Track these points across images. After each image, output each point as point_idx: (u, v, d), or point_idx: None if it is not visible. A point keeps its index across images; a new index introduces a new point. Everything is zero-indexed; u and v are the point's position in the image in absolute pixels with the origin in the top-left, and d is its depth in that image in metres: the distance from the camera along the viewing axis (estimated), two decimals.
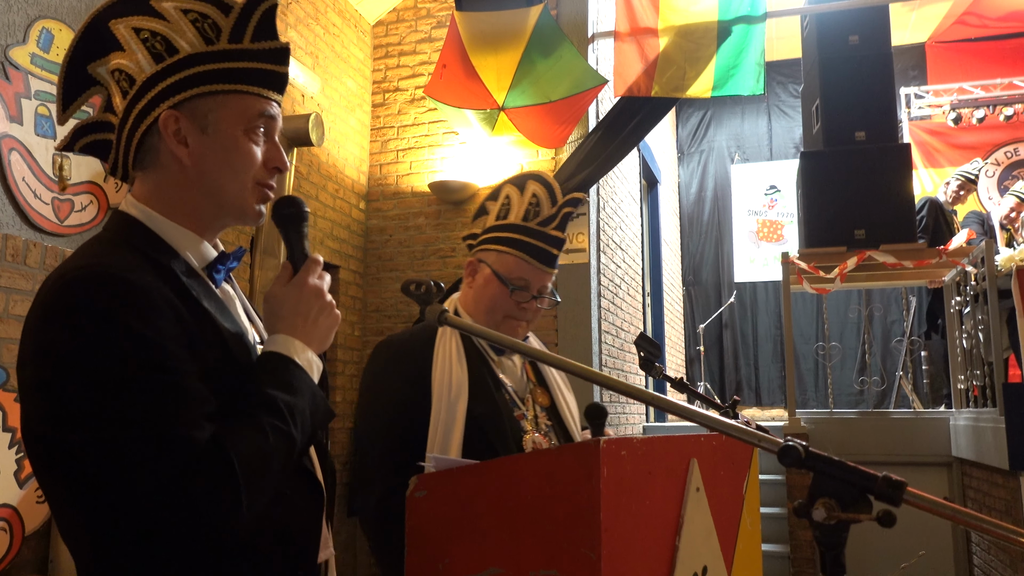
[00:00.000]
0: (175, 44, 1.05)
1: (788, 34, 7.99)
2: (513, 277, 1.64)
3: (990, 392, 4.41)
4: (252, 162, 1.08)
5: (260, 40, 1.08)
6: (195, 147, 1.06)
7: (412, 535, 1.15)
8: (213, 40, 1.06)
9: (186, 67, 1.05)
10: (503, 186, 1.73)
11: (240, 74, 1.07)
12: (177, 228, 1.07)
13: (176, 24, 1.06)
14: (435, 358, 1.54)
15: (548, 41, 4.74)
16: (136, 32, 1.06)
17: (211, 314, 1.03)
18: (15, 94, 3.14)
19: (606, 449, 0.98)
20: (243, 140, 1.07)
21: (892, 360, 8.31)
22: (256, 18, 1.08)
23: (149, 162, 1.07)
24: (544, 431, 1.62)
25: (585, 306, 5.00)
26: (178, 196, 1.07)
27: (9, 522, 2.86)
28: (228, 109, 1.06)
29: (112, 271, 0.94)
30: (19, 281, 2.96)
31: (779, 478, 5.41)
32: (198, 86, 1.05)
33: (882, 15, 5.28)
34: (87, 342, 0.90)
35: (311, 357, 1.07)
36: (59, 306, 0.93)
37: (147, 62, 1.05)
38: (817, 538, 0.81)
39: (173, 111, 1.05)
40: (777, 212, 9.48)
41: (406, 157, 5.57)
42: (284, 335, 1.06)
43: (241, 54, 1.07)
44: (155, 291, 0.95)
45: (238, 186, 1.08)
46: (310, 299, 1.08)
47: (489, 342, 1.61)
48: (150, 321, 0.92)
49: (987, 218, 6.24)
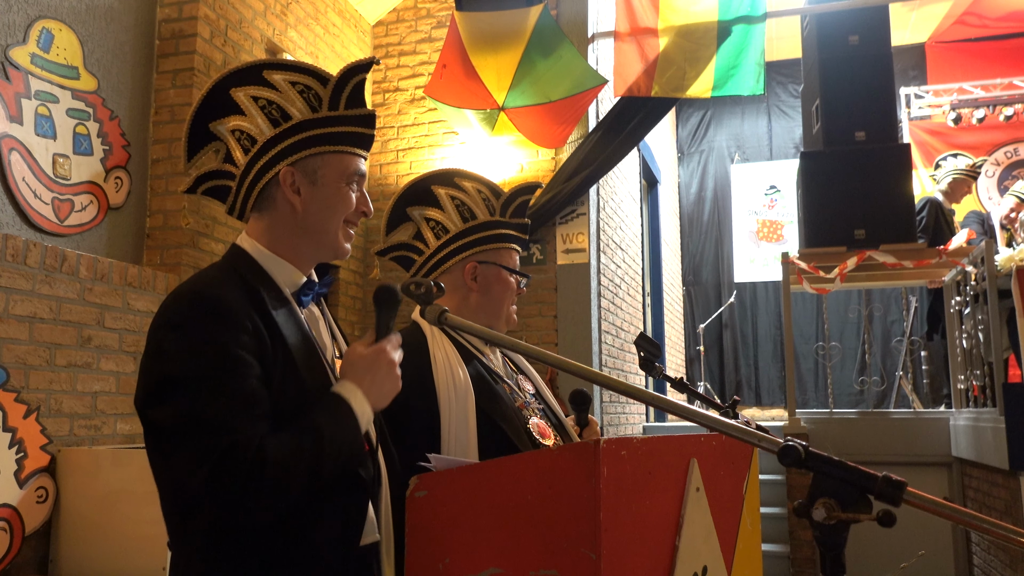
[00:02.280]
0: (288, 111, 1.32)
1: (788, 34, 7.99)
2: (515, 268, 1.73)
3: (990, 392, 4.41)
4: (349, 206, 1.34)
5: (352, 107, 1.35)
6: (306, 196, 1.31)
7: (412, 535, 1.15)
8: (317, 107, 1.33)
9: (298, 132, 1.31)
10: (429, 189, 1.72)
11: (340, 137, 1.33)
12: (279, 261, 1.31)
13: (286, 94, 1.32)
14: (434, 361, 1.54)
15: (548, 41, 4.74)
16: (255, 100, 1.32)
17: (283, 336, 1.23)
18: (15, 94, 3.14)
19: (606, 449, 0.98)
20: (344, 189, 1.33)
21: (892, 360, 8.31)
22: (349, 89, 1.34)
23: (266, 206, 1.32)
24: (540, 416, 1.65)
25: (585, 306, 5.00)
26: (286, 234, 1.32)
27: (9, 522, 2.86)
28: (331, 167, 1.32)
29: (210, 292, 1.19)
30: (19, 281, 2.96)
31: (779, 478, 5.41)
32: (310, 148, 1.31)
33: (882, 15, 5.28)
34: (182, 342, 1.14)
35: (366, 409, 1.24)
36: (167, 313, 1.19)
37: (266, 126, 1.32)
38: (817, 538, 0.81)
39: (290, 168, 1.30)
40: (777, 212, 9.48)
41: (406, 157, 5.57)
42: (352, 383, 1.24)
43: (339, 120, 1.33)
44: (240, 311, 1.18)
45: (335, 225, 1.34)
46: (384, 365, 1.27)
47: (482, 339, 1.61)
48: (229, 333, 1.15)
49: (987, 218, 6.24)
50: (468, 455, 1.46)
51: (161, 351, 1.16)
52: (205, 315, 1.16)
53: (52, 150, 3.29)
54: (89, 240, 3.47)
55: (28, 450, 2.95)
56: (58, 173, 3.31)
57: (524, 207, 1.76)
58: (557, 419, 1.71)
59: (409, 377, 1.52)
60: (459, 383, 1.52)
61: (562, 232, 5.11)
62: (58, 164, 3.31)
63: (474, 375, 1.55)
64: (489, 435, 1.50)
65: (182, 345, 1.14)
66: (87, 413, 3.23)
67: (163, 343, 1.16)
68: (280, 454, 1.09)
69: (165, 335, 1.17)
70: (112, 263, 3.39)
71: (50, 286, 3.08)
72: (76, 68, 3.45)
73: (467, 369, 1.55)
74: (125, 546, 2.86)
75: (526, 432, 1.56)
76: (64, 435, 3.11)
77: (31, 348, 3.00)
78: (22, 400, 2.94)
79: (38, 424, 3.00)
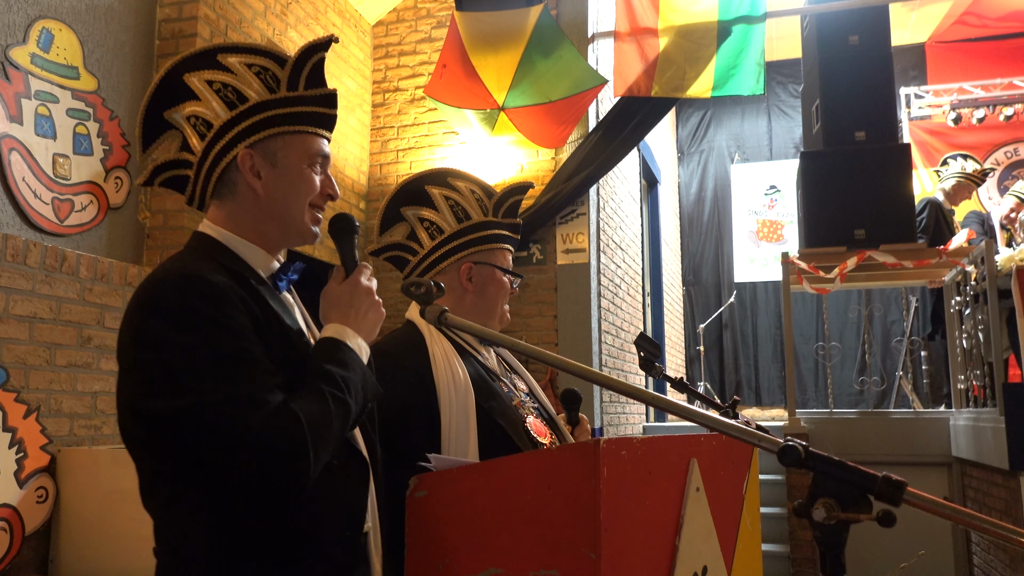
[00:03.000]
0: (244, 93, 1.26)
1: (788, 34, 7.99)
2: (509, 269, 1.73)
3: (990, 392, 4.41)
4: (313, 189, 1.29)
5: (312, 87, 1.29)
6: (267, 179, 1.26)
7: (412, 535, 1.15)
8: (275, 89, 1.27)
9: (256, 113, 1.25)
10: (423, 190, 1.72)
11: (301, 117, 1.28)
12: (248, 245, 1.26)
13: (242, 76, 1.26)
14: (433, 360, 1.53)
15: (548, 41, 4.74)
16: (209, 84, 1.26)
17: (277, 312, 1.20)
18: (15, 94, 3.14)
19: (606, 449, 0.98)
20: (307, 171, 1.28)
21: (892, 360, 8.31)
22: (308, 68, 1.28)
23: (226, 192, 1.27)
24: (535, 414, 1.65)
25: (585, 306, 4.99)
26: (250, 220, 1.27)
27: (9, 522, 2.86)
28: (292, 148, 1.27)
29: (195, 272, 1.13)
30: (19, 281, 2.96)
31: (779, 478, 5.41)
32: (268, 128, 1.25)
33: (882, 15, 5.28)
34: (175, 327, 1.09)
35: (361, 343, 1.23)
36: (151, 299, 1.12)
37: (222, 109, 1.25)
38: (817, 538, 0.81)
39: (249, 150, 1.25)
40: (777, 212, 9.48)
41: (406, 157, 5.57)
42: (338, 323, 1.23)
43: (299, 100, 1.28)
44: (230, 290, 1.13)
45: (299, 209, 1.28)
46: (362, 296, 1.26)
47: (479, 338, 1.62)
48: (226, 312, 1.10)
49: (987, 218, 6.24)
50: (468, 453, 1.46)
51: (156, 339, 1.09)
52: (197, 296, 1.10)
53: (52, 150, 3.29)
54: (89, 240, 3.47)
55: (28, 450, 2.95)
56: (58, 173, 3.31)
57: (516, 207, 1.77)
58: (550, 417, 1.72)
59: (409, 375, 1.52)
60: (459, 381, 1.51)
61: (562, 232, 5.11)
62: (58, 164, 3.31)
63: (473, 373, 1.55)
64: (489, 433, 1.50)
65: (181, 328, 1.08)
66: (87, 413, 3.23)
67: (155, 330, 1.09)
68: (311, 412, 1.08)
69: (155, 322, 1.10)
70: (112, 263, 3.39)
71: (50, 286, 3.08)
72: (76, 68, 3.45)
73: (466, 368, 1.55)
74: (125, 546, 2.86)
75: (524, 430, 1.57)
76: (64, 435, 3.11)
77: (31, 348, 3.00)
78: (22, 400, 2.94)
79: (38, 424, 3.00)
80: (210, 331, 1.09)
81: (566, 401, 1.77)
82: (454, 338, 1.62)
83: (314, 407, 1.09)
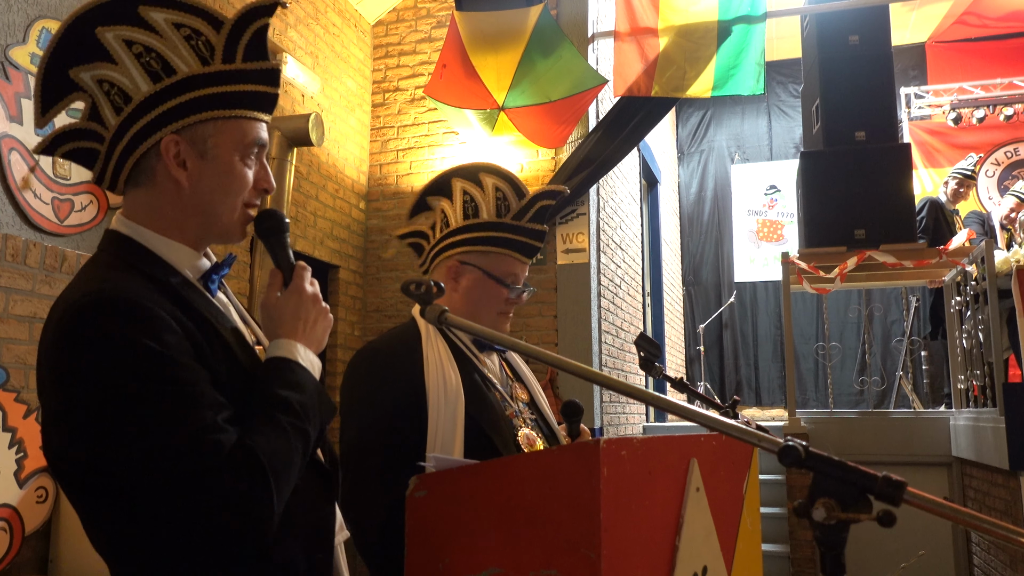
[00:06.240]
0: (172, 64, 1.06)
1: (788, 34, 7.99)
2: (505, 275, 1.64)
3: (990, 392, 4.41)
4: (245, 185, 1.13)
5: (252, 60, 1.10)
6: (193, 170, 1.09)
7: (412, 535, 1.15)
8: (208, 60, 1.08)
9: (185, 90, 1.07)
10: (449, 181, 1.69)
11: (237, 98, 1.09)
12: (170, 243, 1.10)
13: (169, 39, 1.06)
14: (426, 362, 1.49)
15: (548, 41, 4.74)
16: (128, 45, 1.06)
17: (212, 323, 1.07)
18: (15, 94, 3.14)
19: (606, 449, 0.98)
20: (239, 165, 1.12)
21: (892, 360, 8.31)
22: (248, 37, 1.09)
23: (144, 180, 1.09)
24: (531, 426, 1.60)
25: (585, 306, 5.00)
26: (172, 214, 1.10)
27: (9, 522, 2.86)
28: (226, 135, 1.10)
29: (117, 295, 0.97)
30: (19, 281, 2.96)
31: (779, 478, 5.41)
32: (199, 112, 1.07)
33: (882, 15, 5.28)
34: (105, 364, 0.94)
35: (312, 359, 1.13)
36: (73, 333, 0.96)
37: (143, 80, 1.06)
38: (817, 538, 0.81)
39: (175, 135, 1.07)
40: (777, 212, 9.48)
41: (406, 157, 5.57)
42: (286, 339, 1.11)
43: (236, 75, 1.09)
44: (159, 309, 0.99)
45: (229, 207, 1.12)
46: (308, 305, 1.14)
47: (480, 340, 1.59)
48: (159, 338, 0.96)
49: (987, 218, 6.24)
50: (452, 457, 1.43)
51: (83, 378, 0.94)
52: (125, 323, 0.95)
53: None
54: (89, 240, 3.47)
55: (28, 450, 2.95)
56: (58, 173, 3.31)
57: (544, 213, 1.67)
58: (550, 429, 1.66)
59: (399, 376, 1.49)
60: (450, 386, 1.47)
61: (562, 232, 5.11)
62: (58, 164, 3.31)
63: (466, 380, 1.51)
64: (475, 441, 1.45)
65: (111, 364, 0.93)
66: None
67: (81, 369, 0.94)
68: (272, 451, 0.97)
69: (80, 359, 0.94)
70: None
71: (50, 286, 3.08)
72: None
73: (460, 373, 1.51)
74: None
75: (515, 443, 1.52)
76: None
77: (31, 348, 3.00)
78: (22, 400, 2.94)
79: (38, 424, 3.00)
80: (144, 365, 0.94)
81: (567, 413, 1.70)
82: (454, 341, 1.58)
83: (274, 443, 0.98)
